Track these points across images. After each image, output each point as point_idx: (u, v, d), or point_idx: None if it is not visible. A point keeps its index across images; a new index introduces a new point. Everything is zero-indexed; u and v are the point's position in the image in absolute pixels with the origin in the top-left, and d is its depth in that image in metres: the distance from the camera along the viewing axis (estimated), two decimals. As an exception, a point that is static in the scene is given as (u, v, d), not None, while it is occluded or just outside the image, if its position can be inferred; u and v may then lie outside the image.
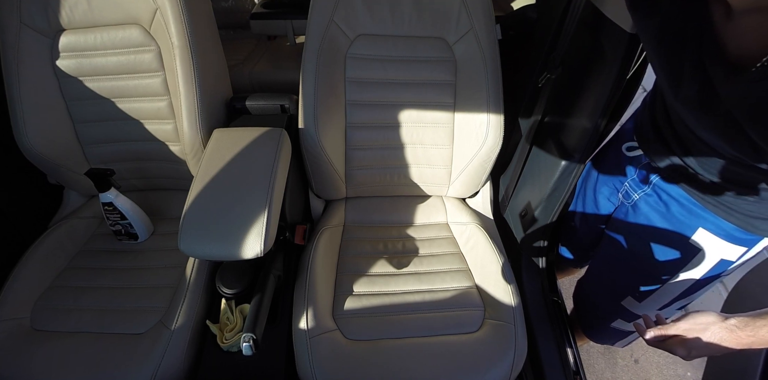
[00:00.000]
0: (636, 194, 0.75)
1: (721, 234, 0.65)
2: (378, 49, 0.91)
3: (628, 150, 0.76)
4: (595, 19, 0.74)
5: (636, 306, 0.81)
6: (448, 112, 0.96)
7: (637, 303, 0.80)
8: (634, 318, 0.83)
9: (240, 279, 0.76)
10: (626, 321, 0.85)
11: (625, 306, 0.82)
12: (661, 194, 0.71)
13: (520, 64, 1.08)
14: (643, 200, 0.74)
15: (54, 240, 0.91)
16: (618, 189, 0.80)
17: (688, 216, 0.68)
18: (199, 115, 0.87)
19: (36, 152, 0.88)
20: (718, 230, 0.65)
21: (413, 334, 0.78)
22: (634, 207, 0.76)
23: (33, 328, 0.78)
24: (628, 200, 0.77)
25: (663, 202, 0.71)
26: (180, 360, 0.74)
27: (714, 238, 0.66)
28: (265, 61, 1.46)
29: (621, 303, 0.82)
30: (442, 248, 0.96)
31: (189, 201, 0.69)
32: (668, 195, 0.69)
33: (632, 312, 0.82)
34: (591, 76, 0.78)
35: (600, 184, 0.85)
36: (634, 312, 0.82)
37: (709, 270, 0.70)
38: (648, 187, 0.73)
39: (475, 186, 1.04)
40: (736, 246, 0.65)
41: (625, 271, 0.81)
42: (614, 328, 0.89)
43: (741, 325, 0.52)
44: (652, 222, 0.73)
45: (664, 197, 0.70)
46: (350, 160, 0.99)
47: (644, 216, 0.74)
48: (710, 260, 0.68)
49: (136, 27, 0.85)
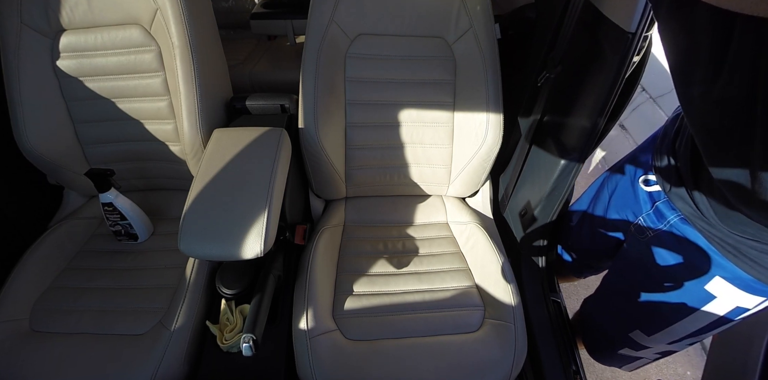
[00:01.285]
0: (651, 231, 0.71)
1: (739, 285, 0.61)
2: (378, 49, 0.91)
3: (645, 183, 0.72)
4: (594, 18, 0.74)
5: (644, 339, 0.78)
6: (447, 112, 0.96)
7: (646, 337, 0.78)
8: (642, 348, 0.80)
9: (240, 279, 0.76)
10: (634, 350, 0.83)
11: (633, 337, 0.80)
12: (678, 235, 0.66)
13: (520, 63, 1.08)
14: (659, 238, 0.70)
15: (54, 241, 0.91)
16: (630, 220, 0.76)
17: (704, 263, 0.63)
18: (199, 115, 0.87)
19: (36, 152, 0.88)
20: (737, 280, 0.61)
21: (413, 334, 0.78)
22: (648, 243, 0.72)
23: (32, 329, 0.77)
24: (642, 235, 0.73)
25: (679, 244, 0.66)
26: (180, 361, 0.74)
27: (731, 287, 0.62)
28: (265, 61, 1.47)
29: (629, 335, 0.80)
30: (442, 248, 0.96)
31: (189, 202, 0.69)
32: (686, 237, 0.65)
33: (641, 344, 0.80)
34: (590, 76, 0.78)
35: (611, 210, 0.82)
36: (642, 343, 0.80)
37: (723, 315, 0.66)
38: (664, 226, 0.68)
39: (475, 185, 1.04)
40: (753, 296, 0.61)
41: (632, 304, 0.78)
42: (621, 354, 0.87)
43: None
44: (667, 262, 0.69)
45: (681, 239, 0.66)
46: (350, 159, 0.99)
47: (658, 254, 0.70)
48: (725, 308, 0.65)
49: (136, 27, 0.85)
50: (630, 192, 0.77)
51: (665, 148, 0.68)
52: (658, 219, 0.70)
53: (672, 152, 0.66)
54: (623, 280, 0.80)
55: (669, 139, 0.68)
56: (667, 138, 0.69)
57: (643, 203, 0.73)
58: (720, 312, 0.66)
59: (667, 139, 0.68)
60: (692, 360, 1.32)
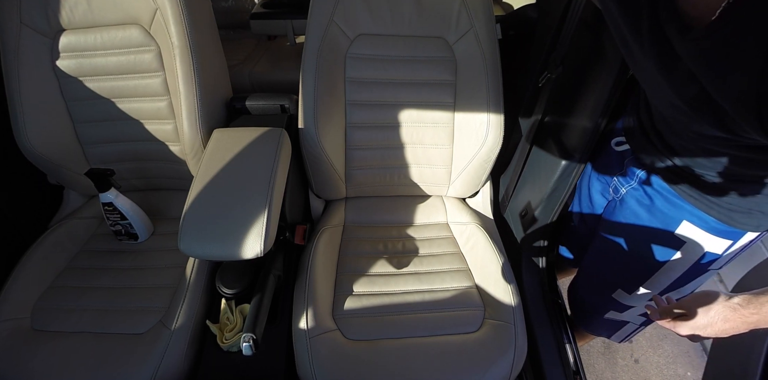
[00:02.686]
0: (623, 188, 0.75)
1: (704, 227, 0.66)
2: (378, 49, 0.91)
3: (617, 145, 0.77)
4: (596, 18, 0.74)
5: (626, 298, 0.82)
6: (448, 112, 0.96)
7: (627, 295, 0.81)
8: (626, 308, 0.84)
9: (240, 279, 0.76)
10: (618, 311, 0.86)
11: (615, 298, 0.83)
12: (646, 188, 0.71)
13: (521, 63, 1.08)
14: (630, 194, 0.74)
15: (54, 241, 0.91)
16: (609, 184, 0.81)
17: (671, 209, 0.68)
18: (199, 115, 0.87)
19: (36, 152, 0.88)
20: (701, 223, 0.65)
21: (413, 334, 0.78)
22: (622, 201, 0.76)
23: (33, 328, 0.78)
24: (617, 195, 0.78)
25: (648, 196, 0.71)
26: (180, 360, 0.74)
27: (698, 231, 0.66)
28: (265, 61, 1.46)
29: (612, 295, 0.83)
30: (442, 248, 0.96)
31: (189, 202, 0.69)
32: (653, 188, 0.70)
33: (623, 304, 0.83)
34: (591, 76, 0.78)
35: (593, 180, 0.85)
36: (624, 303, 0.83)
37: (696, 262, 0.70)
38: (634, 181, 0.73)
39: (475, 186, 1.04)
40: (720, 239, 0.66)
41: (613, 265, 0.82)
42: (607, 319, 0.90)
43: (744, 303, 0.52)
44: (639, 215, 0.73)
45: (649, 190, 0.71)
46: (350, 159, 0.99)
47: (631, 210, 0.75)
48: (695, 252, 0.69)
49: (136, 27, 0.85)
50: (605, 158, 0.81)
51: (630, 111, 0.73)
52: (629, 176, 0.74)
53: (636, 112, 0.71)
54: (603, 244, 0.83)
55: (634, 103, 0.73)
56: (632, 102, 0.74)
57: (617, 164, 0.77)
58: (692, 259, 0.70)
59: (632, 103, 0.73)
60: (693, 360, 1.32)
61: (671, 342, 1.36)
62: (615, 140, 0.77)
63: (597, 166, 0.84)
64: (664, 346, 1.35)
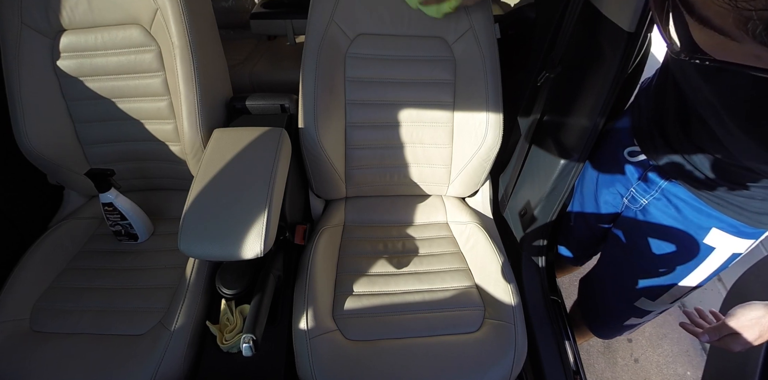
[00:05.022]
0: (644, 199, 0.75)
1: (733, 232, 0.67)
2: (378, 49, 0.91)
3: (630, 155, 0.76)
4: (594, 18, 0.74)
5: (649, 305, 0.82)
6: (447, 111, 0.96)
7: (651, 302, 0.81)
8: (646, 313, 0.84)
9: (240, 279, 0.76)
10: (639, 317, 0.87)
11: (638, 306, 0.83)
12: (671, 197, 0.71)
13: (519, 63, 1.08)
14: (653, 205, 0.74)
15: (54, 241, 0.91)
16: (622, 194, 0.80)
17: (700, 218, 0.69)
18: (200, 115, 0.87)
19: (36, 152, 0.88)
20: (731, 228, 0.67)
21: (413, 334, 0.78)
22: (644, 211, 0.76)
23: (32, 329, 0.78)
24: (636, 205, 0.77)
25: (673, 205, 0.71)
26: (180, 361, 0.74)
27: (727, 236, 0.68)
28: (265, 61, 1.47)
29: (634, 303, 0.83)
30: (442, 247, 0.96)
31: (189, 202, 0.69)
32: (677, 198, 0.70)
33: (645, 310, 0.84)
34: (590, 75, 0.78)
35: (600, 187, 0.84)
36: (647, 309, 0.83)
37: (721, 264, 0.72)
38: (656, 192, 0.73)
39: (475, 185, 1.04)
40: (745, 240, 0.68)
41: (634, 272, 0.81)
42: (626, 325, 0.91)
43: None
44: (665, 225, 0.73)
45: (673, 200, 0.71)
46: (350, 159, 0.99)
47: (655, 219, 0.74)
48: (723, 256, 0.70)
49: (136, 27, 0.86)
50: (616, 167, 0.80)
51: (646, 120, 0.72)
52: (649, 187, 0.74)
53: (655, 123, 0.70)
54: (621, 250, 0.83)
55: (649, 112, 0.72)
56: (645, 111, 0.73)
57: (631, 175, 0.77)
58: (719, 262, 0.71)
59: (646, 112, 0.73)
60: (692, 360, 1.32)
61: (671, 342, 1.36)
62: (628, 150, 0.76)
63: (605, 173, 0.83)
64: (664, 345, 1.35)
